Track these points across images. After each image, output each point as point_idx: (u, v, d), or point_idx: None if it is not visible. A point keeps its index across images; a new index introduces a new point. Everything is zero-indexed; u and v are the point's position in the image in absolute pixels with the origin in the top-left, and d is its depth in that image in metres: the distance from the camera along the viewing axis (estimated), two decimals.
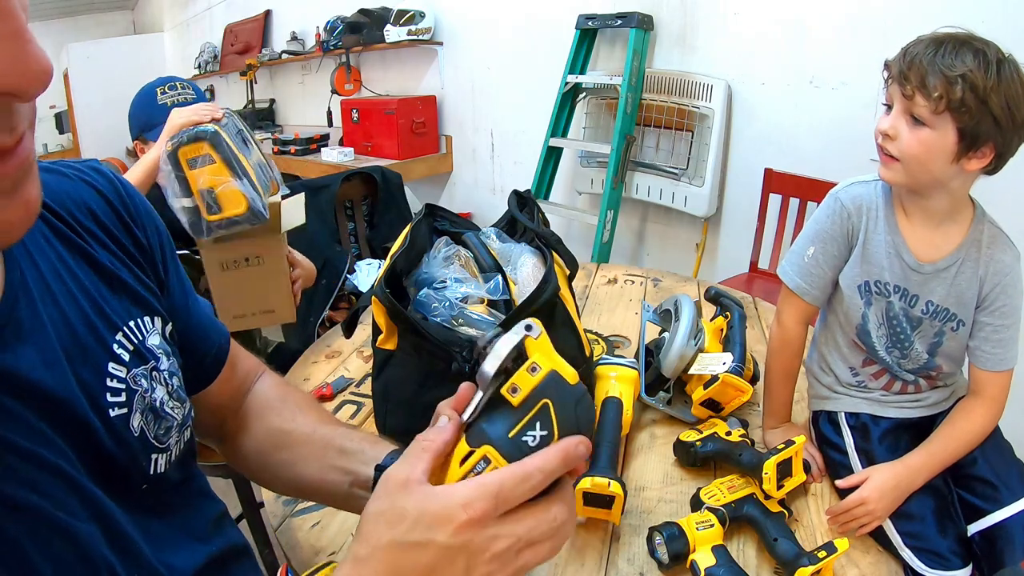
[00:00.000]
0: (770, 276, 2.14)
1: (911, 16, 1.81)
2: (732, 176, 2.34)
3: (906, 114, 0.79)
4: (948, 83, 0.74)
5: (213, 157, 0.94)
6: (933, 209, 0.84)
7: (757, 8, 2.13)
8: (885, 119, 0.81)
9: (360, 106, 3.26)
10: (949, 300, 0.86)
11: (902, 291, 0.87)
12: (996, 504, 0.83)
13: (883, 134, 0.81)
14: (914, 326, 0.89)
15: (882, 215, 0.87)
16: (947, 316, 0.86)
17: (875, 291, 0.89)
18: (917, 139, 0.78)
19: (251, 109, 4.17)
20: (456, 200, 3.46)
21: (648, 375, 1.02)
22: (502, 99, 3.05)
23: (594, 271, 1.70)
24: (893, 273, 0.87)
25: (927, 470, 0.84)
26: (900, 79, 0.78)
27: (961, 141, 0.76)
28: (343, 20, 3.34)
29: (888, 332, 0.91)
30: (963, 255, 0.84)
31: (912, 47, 0.79)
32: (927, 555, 0.78)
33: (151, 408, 0.49)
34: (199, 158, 0.94)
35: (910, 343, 0.90)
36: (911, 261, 0.85)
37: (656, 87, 2.37)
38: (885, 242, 0.87)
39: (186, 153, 0.94)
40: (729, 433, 0.91)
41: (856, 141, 1.99)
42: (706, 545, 0.73)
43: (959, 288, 0.85)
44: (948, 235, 0.85)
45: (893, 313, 0.89)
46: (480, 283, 0.89)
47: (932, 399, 0.94)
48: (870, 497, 0.80)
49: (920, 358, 0.90)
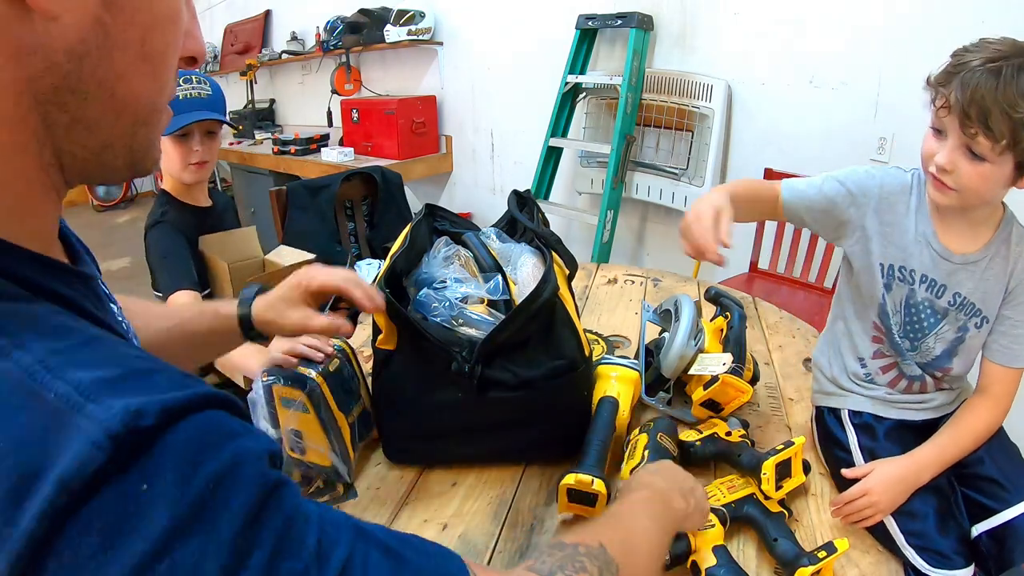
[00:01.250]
0: (770, 276, 2.14)
1: (911, 16, 1.81)
2: (732, 176, 2.34)
3: (963, 147, 0.76)
4: (1015, 126, 0.71)
5: (307, 407, 0.85)
6: (972, 217, 0.85)
7: (757, 8, 2.13)
8: (940, 151, 0.78)
9: (360, 106, 3.26)
10: (976, 294, 0.86)
11: (929, 280, 0.87)
12: (1004, 503, 0.83)
13: (941, 170, 0.78)
14: (940, 318, 0.88)
15: (913, 204, 0.87)
16: (973, 311, 0.87)
17: (898, 276, 0.89)
18: (978, 174, 0.76)
19: (251, 109, 4.17)
20: (456, 200, 3.46)
21: (648, 375, 1.02)
22: (502, 99, 3.05)
23: (594, 271, 1.70)
24: (922, 262, 0.87)
25: (933, 466, 0.84)
26: (961, 117, 0.73)
27: (1018, 169, 0.75)
28: (343, 20, 3.34)
29: (903, 320, 0.91)
30: (993, 251, 0.85)
31: (968, 76, 0.73)
32: (929, 554, 0.78)
33: (119, 309, 0.57)
34: (294, 402, 0.84)
35: (923, 335, 0.90)
36: (940, 249, 0.86)
37: (656, 87, 2.37)
38: (915, 230, 0.87)
39: (281, 392, 0.85)
40: (729, 433, 0.91)
41: (856, 141, 2.00)
42: (707, 545, 0.73)
43: (987, 283, 0.85)
44: (978, 233, 0.86)
45: (914, 301, 0.89)
46: (480, 283, 0.89)
47: (937, 401, 0.94)
48: (874, 488, 0.80)
49: (930, 352, 0.90)
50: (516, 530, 0.82)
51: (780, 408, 1.08)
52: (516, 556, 0.78)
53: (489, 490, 0.89)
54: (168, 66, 0.38)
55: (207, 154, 1.37)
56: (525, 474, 0.92)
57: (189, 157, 1.35)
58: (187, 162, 1.35)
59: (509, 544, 0.80)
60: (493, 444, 0.91)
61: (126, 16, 0.33)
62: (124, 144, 0.38)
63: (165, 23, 0.36)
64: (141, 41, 0.34)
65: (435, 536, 0.81)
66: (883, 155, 1.94)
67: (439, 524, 0.83)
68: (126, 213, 5.37)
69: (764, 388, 1.13)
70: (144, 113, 0.38)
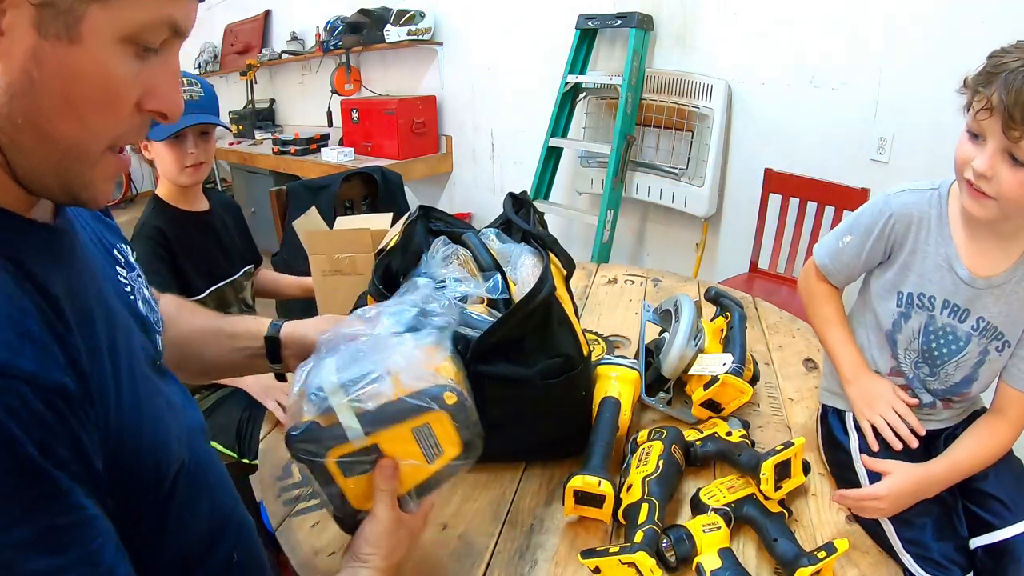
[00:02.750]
0: (770, 276, 2.14)
1: (911, 16, 1.81)
2: (732, 176, 2.34)
3: (1005, 153, 0.72)
4: None
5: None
6: (1002, 230, 0.81)
7: (757, 8, 2.13)
8: (979, 156, 0.74)
9: (360, 106, 3.26)
10: (1000, 318, 0.83)
11: (952, 306, 0.85)
12: (1004, 521, 0.82)
13: (980, 176, 0.74)
14: (961, 346, 0.86)
15: (934, 227, 0.84)
16: (995, 335, 0.84)
17: (917, 304, 0.87)
18: (1019, 181, 0.72)
19: (251, 109, 4.16)
20: (456, 200, 3.46)
21: (648, 375, 1.02)
22: (502, 99, 3.05)
23: (594, 271, 1.70)
24: (943, 287, 0.84)
25: (946, 480, 0.83)
26: (1005, 119, 0.70)
27: None
28: (343, 20, 3.34)
29: (921, 347, 0.88)
30: (1020, 274, 0.81)
31: (1011, 77, 0.69)
32: (927, 562, 0.78)
33: (145, 300, 0.62)
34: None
35: (943, 363, 0.87)
36: (964, 275, 0.83)
37: (656, 87, 2.36)
38: (936, 254, 0.84)
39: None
40: (729, 433, 0.91)
41: (856, 141, 1.99)
42: (712, 548, 0.73)
43: (1012, 307, 0.82)
44: (1007, 251, 0.82)
45: (934, 327, 0.87)
46: (479, 282, 0.89)
47: (944, 415, 0.94)
48: (887, 496, 0.79)
49: (950, 379, 0.88)
50: (516, 530, 0.82)
51: (780, 408, 1.08)
52: (516, 556, 0.78)
53: (489, 490, 0.89)
54: (101, 116, 0.42)
55: (203, 155, 1.36)
56: (525, 474, 0.92)
57: (185, 160, 1.34)
58: (183, 165, 1.34)
59: (509, 544, 0.80)
60: (493, 444, 0.90)
61: (50, 69, 0.39)
62: (54, 175, 0.43)
63: (90, 79, 0.41)
64: (63, 91, 0.40)
65: (435, 536, 0.81)
66: (883, 155, 1.94)
67: (439, 524, 0.83)
68: (126, 213, 5.37)
69: (764, 388, 1.13)
70: (73, 152, 0.43)
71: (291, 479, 0.92)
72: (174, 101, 0.46)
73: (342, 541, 0.80)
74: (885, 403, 0.87)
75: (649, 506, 0.76)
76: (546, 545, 0.79)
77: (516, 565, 0.76)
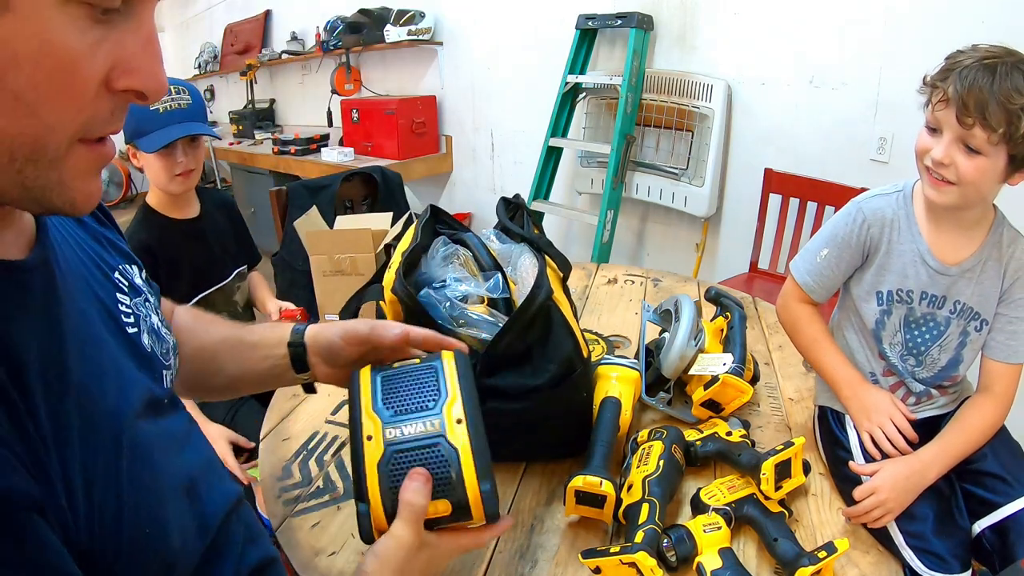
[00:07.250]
0: (770, 276, 2.14)
1: (911, 16, 1.81)
2: (732, 176, 2.34)
3: (960, 142, 0.79)
4: (1010, 117, 0.74)
5: None
6: (966, 218, 0.87)
7: (757, 8, 2.13)
8: (936, 146, 0.81)
9: (360, 106, 3.26)
10: (974, 299, 0.89)
11: (929, 296, 0.89)
12: (1007, 498, 0.84)
13: (938, 163, 0.81)
14: (941, 330, 0.90)
15: (904, 226, 0.90)
16: (972, 315, 0.89)
17: (896, 299, 0.91)
18: (974, 167, 0.79)
19: (251, 109, 4.17)
20: (456, 200, 3.46)
21: (648, 375, 1.02)
22: (502, 99, 3.05)
23: (594, 271, 1.70)
24: (918, 280, 0.89)
25: (940, 464, 0.84)
26: (959, 109, 0.76)
27: (1011, 163, 0.79)
28: (343, 20, 3.34)
29: (904, 339, 0.92)
30: (986, 255, 0.88)
31: (964, 72, 0.77)
32: (928, 556, 0.78)
33: (152, 330, 0.56)
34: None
35: (926, 348, 0.91)
36: (936, 266, 0.88)
37: (656, 87, 2.37)
38: (909, 251, 0.89)
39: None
40: (730, 433, 0.91)
41: (856, 141, 1.99)
42: (713, 548, 0.73)
43: (983, 286, 0.88)
44: (971, 238, 0.88)
45: (914, 318, 0.91)
46: (480, 282, 0.89)
47: (940, 402, 0.96)
48: (882, 487, 0.80)
49: (936, 364, 0.92)
50: (516, 530, 0.82)
51: (780, 408, 1.08)
52: (516, 556, 0.78)
53: None
54: (55, 103, 0.34)
55: (192, 162, 1.36)
56: (525, 474, 0.92)
57: (174, 168, 1.33)
58: (173, 174, 1.33)
59: (509, 544, 0.80)
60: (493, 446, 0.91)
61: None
62: (14, 183, 0.36)
63: (29, 61, 0.32)
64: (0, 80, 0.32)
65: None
66: (883, 155, 1.94)
67: None
68: (126, 213, 5.37)
69: (764, 388, 1.13)
70: (25, 152, 0.35)
71: (291, 479, 0.92)
72: (153, 75, 0.37)
73: (342, 541, 0.80)
74: (884, 415, 0.89)
75: (650, 506, 0.76)
76: (547, 545, 0.80)
77: (516, 565, 0.76)
